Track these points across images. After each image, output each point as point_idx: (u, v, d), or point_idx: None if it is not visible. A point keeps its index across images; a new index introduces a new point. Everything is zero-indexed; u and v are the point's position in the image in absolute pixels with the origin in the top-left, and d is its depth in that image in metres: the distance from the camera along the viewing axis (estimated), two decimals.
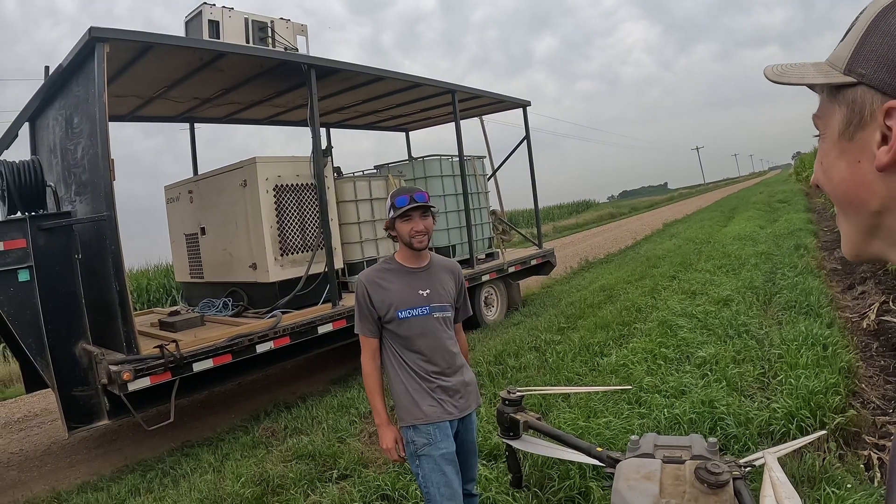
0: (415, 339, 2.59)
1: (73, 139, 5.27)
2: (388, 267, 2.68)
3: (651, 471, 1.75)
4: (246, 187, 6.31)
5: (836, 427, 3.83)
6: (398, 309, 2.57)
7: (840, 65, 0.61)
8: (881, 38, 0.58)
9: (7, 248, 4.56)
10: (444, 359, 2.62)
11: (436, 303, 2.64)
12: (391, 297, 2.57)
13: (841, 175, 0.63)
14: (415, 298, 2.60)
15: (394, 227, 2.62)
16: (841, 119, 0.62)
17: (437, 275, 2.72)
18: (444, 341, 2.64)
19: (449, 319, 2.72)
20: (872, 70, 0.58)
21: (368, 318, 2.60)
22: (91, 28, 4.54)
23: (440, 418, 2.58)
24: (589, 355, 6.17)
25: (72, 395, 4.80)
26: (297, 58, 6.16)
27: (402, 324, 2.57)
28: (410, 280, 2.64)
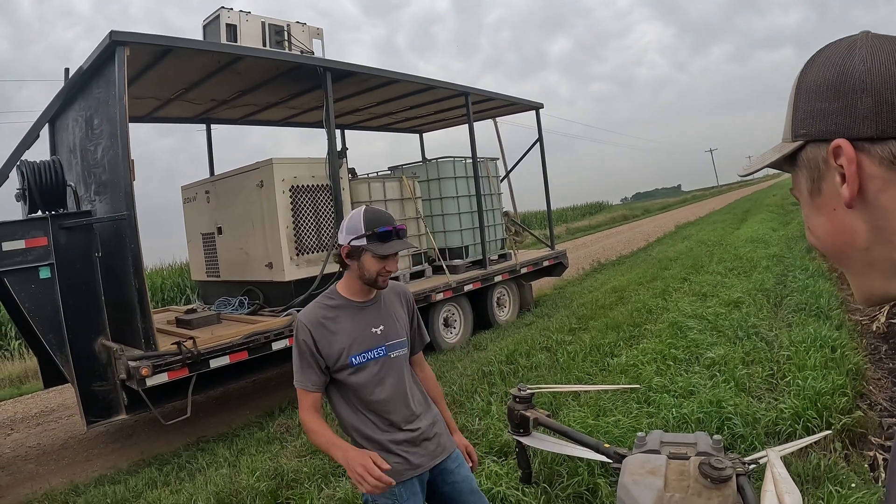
0: (371, 387, 2.16)
1: (93, 140, 5.40)
2: (332, 303, 2.20)
3: (656, 466, 1.81)
4: (262, 188, 6.42)
5: (843, 428, 3.86)
6: (351, 354, 2.13)
7: (788, 136, 0.68)
8: (804, 96, 0.65)
9: (29, 245, 4.70)
10: (406, 405, 2.23)
11: (392, 339, 2.24)
12: (341, 340, 2.13)
13: (824, 228, 0.67)
14: (368, 338, 2.18)
15: (357, 256, 2.14)
16: (805, 180, 0.67)
17: (388, 306, 2.29)
18: (405, 383, 2.26)
19: (407, 356, 2.32)
20: (809, 126, 0.64)
21: (313, 368, 2.12)
22: (112, 31, 4.66)
23: (406, 476, 2.19)
24: (599, 356, 6.21)
25: (91, 390, 4.93)
26: (313, 61, 6.27)
27: (357, 371, 2.14)
28: (361, 317, 2.20)
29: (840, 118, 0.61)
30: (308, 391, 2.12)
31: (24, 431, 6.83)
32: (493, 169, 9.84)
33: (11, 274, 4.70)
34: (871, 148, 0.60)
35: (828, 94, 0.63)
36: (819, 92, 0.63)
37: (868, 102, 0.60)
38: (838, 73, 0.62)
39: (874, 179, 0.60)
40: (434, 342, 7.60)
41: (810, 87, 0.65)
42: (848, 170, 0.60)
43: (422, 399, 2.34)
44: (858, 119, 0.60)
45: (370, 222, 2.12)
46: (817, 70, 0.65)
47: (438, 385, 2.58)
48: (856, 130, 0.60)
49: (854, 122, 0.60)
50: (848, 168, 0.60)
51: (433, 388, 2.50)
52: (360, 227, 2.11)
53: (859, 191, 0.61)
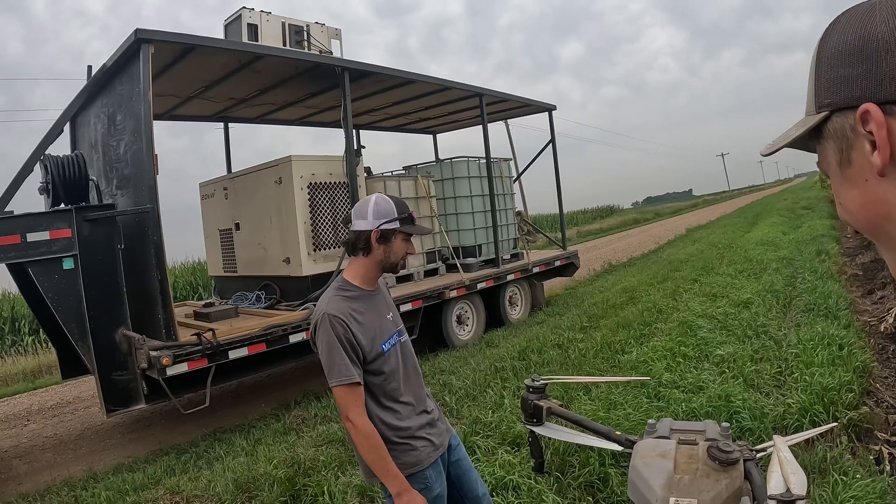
0: (394, 373, 2.18)
1: (116, 136, 5.52)
2: (350, 294, 2.16)
3: (666, 450, 1.89)
4: (281, 184, 6.55)
5: (849, 422, 3.92)
6: (381, 341, 2.15)
7: (811, 109, 0.65)
8: (826, 64, 0.63)
9: (53, 237, 4.82)
10: (420, 387, 2.31)
11: (400, 324, 2.31)
12: (370, 330, 2.12)
13: (856, 201, 0.63)
14: (387, 326, 2.21)
15: (387, 240, 2.17)
16: (833, 152, 0.64)
17: (386, 293, 2.36)
18: (415, 367, 2.32)
19: (410, 341, 2.37)
20: (833, 94, 0.62)
21: (356, 361, 2.07)
22: (137, 30, 4.79)
23: (433, 457, 2.23)
24: (610, 353, 6.29)
25: (111, 379, 5.05)
26: (332, 61, 6.39)
27: (385, 358, 2.15)
28: (375, 305, 2.22)
29: (865, 82, 0.59)
30: (358, 385, 2.05)
31: (40, 422, 6.95)
32: (507, 169, 9.94)
33: (36, 264, 4.83)
34: None
35: (851, 58, 0.60)
36: (841, 58, 0.61)
37: (893, 63, 0.57)
38: (860, 36, 0.59)
39: None
40: (447, 339, 7.70)
41: (831, 54, 0.62)
42: (878, 135, 0.58)
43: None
44: (885, 81, 0.57)
45: (400, 207, 2.20)
46: (838, 36, 0.62)
47: None
48: (883, 93, 0.57)
49: (881, 85, 0.58)
50: (878, 133, 0.58)
51: None
52: (392, 210, 2.16)
53: (891, 157, 0.58)
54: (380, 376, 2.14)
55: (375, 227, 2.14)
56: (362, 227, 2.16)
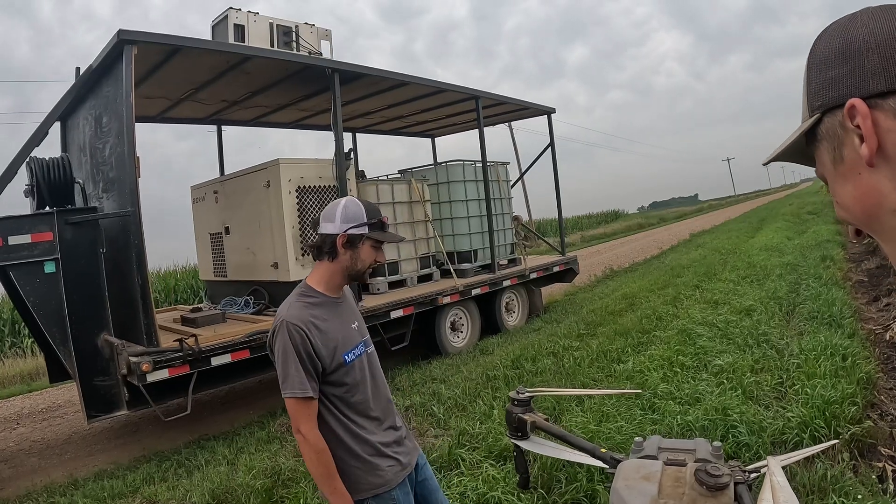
0: (358, 386, 2.06)
1: (102, 138, 5.43)
2: (313, 300, 2.05)
3: (651, 472, 1.76)
4: (269, 188, 6.43)
5: (851, 438, 3.77)
6: (344, 351, 2.02)
7: (805, 115, 0.69)
8: (815, 70, 0.67)
9: (34, 240, 4.73)
10: (385, 402, 2.17)
11: (365, 335, 2.19)
12: (332, 339, 2.00)
13: (851, 195, 0.66)
14: (351, 335, 2.09)
15: (354, 245, 2.05)
16: (827, 151, 0.67)
17: (350, 301, 2.23)
18: (382, 380, 2.20)
19: (376, 352, 2.25)
20: (823, 97, 0.65)
21: (311, 373, 1.94)
22: (120, 30, 4.69)
23: (401, 477, 2.11)
24: (606, 361, 6.15)
25: (93, 385, 4.94)
26: (321, 62, 6.27)
27: (349, 370, 2.03)
28: (340, 313, 2.10)
29: (850, 80, 0.62)
30: (312, 399, 1.94)
31: (29, 426, 6.88)
32: (504, 173, 9.80)
33: (17, 268, 4.73)
34: (883, 103, 0.61)
35: (836, 61, 0.64)
36: (827, 62, 0.65)
37: (875, 59, 0.61)
38: (842, 40, 0.64)
39: (891, 133, 0.60)
40: (440, 346, 7.56)
41: (819, 60, 0.66)
42: (864, 126, 0.61)
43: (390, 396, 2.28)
44: (868, 77, 0.61)
45: (371, 211, 2.08)
46: (823, 43, 0.67)
47: None
48: (867, 88, 0.61)
49: (864, 81, 0.61)
50: (864, 125, 0.61)
51: None
52: (362, 215, 2.05)
53: (879, 147, 0.61)
54: (341, 388, 2.02)
55: (342, 231, 2.03)
56: (329, 230, 2.05)
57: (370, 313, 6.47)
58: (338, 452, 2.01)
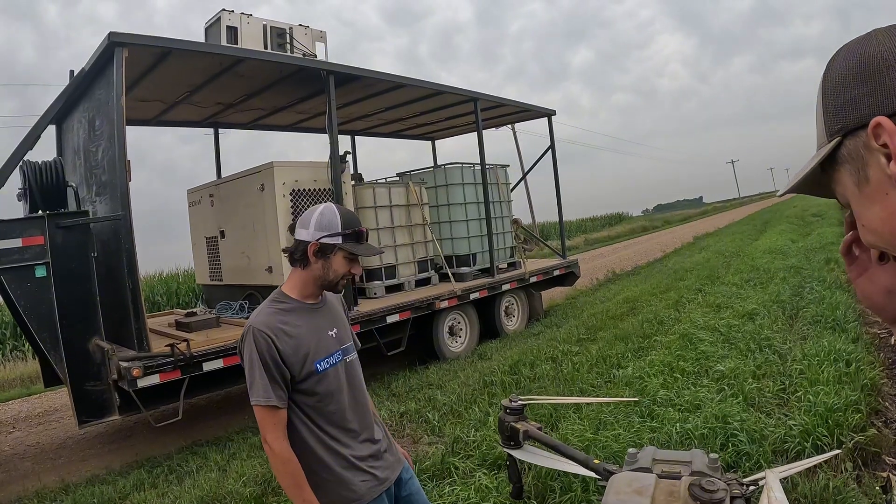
0: (332, 396, 1.99)
1: (95, 141, 5.39)
2: (284, 306, 2.00)
3: (643, 485, 1.68)
4: (263, 191, 6.37)
5: (855, 446, 3.68)
6: (316, 359, 1.95)
7: (823, 139, 0.66)
8: (831, 93, 0.64)
9: (25, 244, 4.68)
10: (365, 414, 2.10)
11: (345, 342, 2.10)
12: (303, 346, 1.94)
13: (879, 217, 0.63)
14: (327, 342, 2.02)
15: (326, 255, 1.97)
16: (850, 174, 0.64)
17: (334, 307, 2.16)
18: (362, 390, 2.13)
19: (357, 361, 2.16)
20: (843, 119, 0.63)
21: (278, 381, 1.88)
22: (111, 33, 4.64)
23: (376, 492, 2.03)
24: (605, 367, 6.07)
25: (84, 390, 4.90)
26: (315, 64, 6.21)
27: (322, 379, 1.96)
28: (315, 319, 2.03)
29: (872, 99, 0.60)
30: (278, 408, 1.88)
31: (25, 430, 6.85)
32: (504, 176, 9.72)
33: (7, 272, 4.70)
34: None
35: (854, 81, 0.62)
36: (844, 83, 0.63)
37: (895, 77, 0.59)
38: (859, 60, 0.62)
39: None
40: (438, 351, 7.49)
41: (835, 82, 0.64)
42: (892, 144, 0.58)
43: (372, 409, 2.20)
44: (891, 94, 0.59)
45: (347, 221, 1.98)
46: (839, 65, 0.64)
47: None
48: (891, 105, 0.59)
49: (887, 98, 0.59)
50: (892, 142, 0.58)
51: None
52: (337, 224, 1.96)
53: None
54: (313, 397, 1.95)
55: (315, 239, 1.95)
56: (302, 237, 1.98)
57: (366, 318, 6.40)
58: (310, 464, 1.94)
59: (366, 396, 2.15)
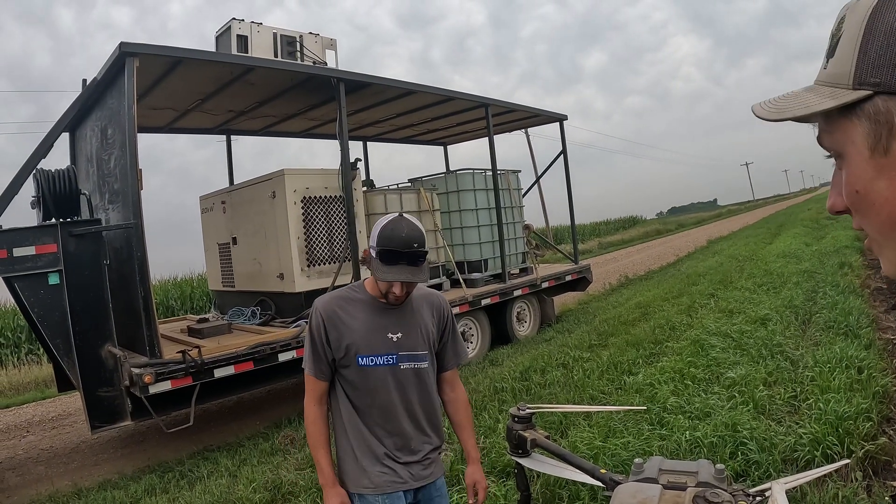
0: (375, 392, 2.04)
1: (108, 149, 5.46)
2: (354, 296, 2.08)
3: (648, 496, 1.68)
4: (275, 199, 6.42)
5: (865, 455, 3.64)
6: (359, 353, 2.01)
7: (845, 81, 0.56)
8: (881, 39, 0.54)
9: (39, 252, 4.74)
10: (406, 422, 2.09)
11: (407, 350, 2.08)
12: (352, 336, 2.01)
13: (884, 195, 0.57)
14: (381, 342, 2.04)
15: (369, 265, 2.05)
16: (866, 135, 0.57)
17: (416, 312, 2.13)
18: (412, 400, 2.10)
19: (424, 371, 2.13)
20: (885, 75, 0.54)
21: (321, 358, 2.02)
22: (121, 43, 4.71)
23: (392, 488, 2.05)
24: (616, 373, 6.04)
25: (96, 396, 4.96)
26: (326, 71, 6.25)
27: (362, 373, 2.02)
28: (379, 318, 2.06)
29: None
30: (317, 379, 2.06)
31: (39, 434, 6.93)
32: (515, 181, 9.72)
33: (21, 279, 4.77)
34: None
35: None
36: None
37: None
38: None
39: None
40: None
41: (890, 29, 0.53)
42: None
43: (432, 422, 2.17)
44: None
45: (383, 238, 1.95)
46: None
47: (468, 409, 2.37)
48: None
49: None
50: None
51: (461, 410, 2.32)
52: (375, 238, 1.97)
53: None
54: (353, 386, 2.06)
55: (368, 246, 2.05)
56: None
57: None
58: (341, 440, 2.10)
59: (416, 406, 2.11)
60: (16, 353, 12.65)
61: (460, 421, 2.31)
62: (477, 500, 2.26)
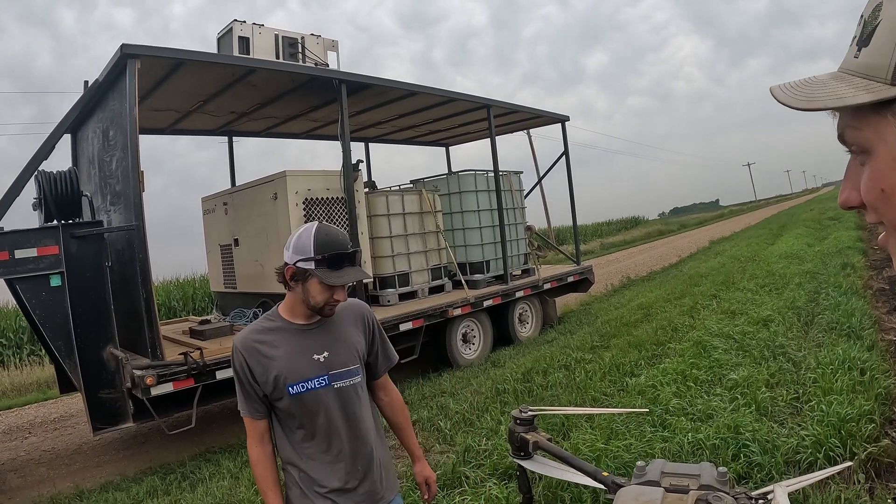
0: (314, 419, 1.95)
1: (109, 151, 5.46)
2: (271, 325, 1.99)
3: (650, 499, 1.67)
4: (276, 200, 6.42)
5: (868, 458, 3.62)
6: (288, 383, 1.92)
7: (883, 74, 0.52)
8: None
9: (40, 254, 4.76)
10: (352, 442, 2.01)
11: (337, 368, 1.99)
12: (277, 367, 1.92)
13: None
14: (308, 366, 1.95)
15: (302, 280, 1.92)
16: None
17: (338, 328, 2.05)
18: (353, 418, 2.02)
19: (360, 386, 2.06)
20: None
21: (252, 396, 1.94)
22: (123, 45, 4.71)
23: None
24: (619, 375, 6.03)
25: (98, 397, 4.97)
26: (327, 73, 6.25)
27: (296, 402, 1.94)
28: (301, 341, 1.98)
29: None
30: (254, 419, 1.97)
31: (41, 435, 6.94)
32: (517, 182, 9.71)
33: (23, 281, 4.78)
34: None
35: None
36: None
37: None
38: None
39: None
40: (451, 358, 7.48)
41: None
42: None
43: (373, 435, 2.10)
44: None
45: (321, 245, 1.89)
46: None
47: (406, 410, 2.34)
48: None
49: None
50: None
51: (398, 413, 2.28)
52: (310, 248, 1.88)
53: None
54: (291, 418, 1.97)
55: (292, 262, 1.91)
56: (285, 258, 1.96)
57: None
58: (286, 475, 2.04)
59: (357, 423, 2.04)
60: (18, 354, 12.66)
61: (399, 423, 2.28)
62: (430, 493, 2.29)
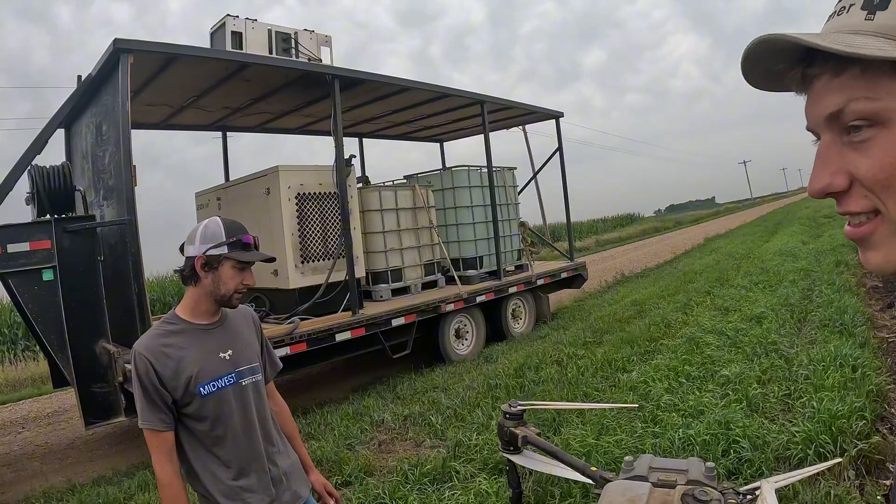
0: (226, 419, 1.94)
1: (102, 146, 5.45)
2: (173, 328, 1.96)
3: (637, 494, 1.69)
4: (269, 195, 6.41)
5: (858, 454, 3.64)
6: (199, 383, 1.89)
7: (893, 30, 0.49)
8: None
9: (33, 248, 4.76)
10: (259, 441, 2.02)
11: (242, 365, 2.02)
12: (187, 369, 1.89)
13: None
14: (216, 365, 1.95)
15: (215, 267, 1.93)
16: None
17: (236, 328, 2.08)
18: (261, 416, 2.05)
19: (262, 383, 2.10)
20: None
21: (158, 405, 1.86)
22: (116, 39, 4.69)
23: None
24: (611, 371, 6.05)
25: (91, 391, 4.97)
26: (320, 68, 6.24)
27: (208, 402, 1.90)
28: (206, 341, 1.98)
29: None
30: (159, 431, 1.87)
31: (34, 430, 6.93)
32: (511, 178, 9.72)
33: (15, 276, 4.78)
34: None
35: None
36: None
37: None
38: None
39: None
40: (444, 354, 7.49)
41: None
42: None
43: (278, 436, 2.13)
44: None
45: (231, 230, 1.96)
46: None
47: (293, 420, 2.35)
48: None
49: None
50: None
51: (288, 422, 2.29)
52: (221, 234, 1.93)
53: None
54: (200, 421, 1.92)
55: (201, 252, 1.92)
56: (190, 252, 1.95)
57: (371, 321, 6.41)
58: (196, 487, 1.97)
59: (264, 422, 2.07)
60: (12, 349, 12.64)
61: (290, 432, 2.28)
62: (334, 497, 2.29)
